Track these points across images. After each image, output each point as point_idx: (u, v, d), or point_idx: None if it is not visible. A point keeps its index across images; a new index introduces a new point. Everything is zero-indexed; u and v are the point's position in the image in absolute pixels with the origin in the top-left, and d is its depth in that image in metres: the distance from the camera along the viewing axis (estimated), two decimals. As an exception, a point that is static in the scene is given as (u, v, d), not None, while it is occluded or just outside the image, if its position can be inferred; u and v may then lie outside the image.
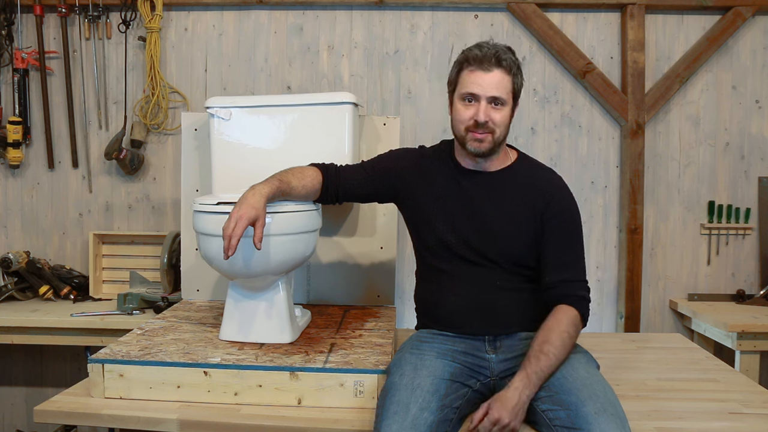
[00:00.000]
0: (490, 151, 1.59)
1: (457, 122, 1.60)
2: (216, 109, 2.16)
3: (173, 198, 2.81)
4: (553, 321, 1.50)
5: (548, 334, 1.47)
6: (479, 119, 1.54)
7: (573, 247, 1.62)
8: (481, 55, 1.55)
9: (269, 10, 2.78)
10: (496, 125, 1.56)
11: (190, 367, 1.60)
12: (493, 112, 1.55)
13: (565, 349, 1.46)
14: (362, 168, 1.78)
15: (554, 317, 1.51)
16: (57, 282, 2.68)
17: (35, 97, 2.79)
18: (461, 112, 1.58)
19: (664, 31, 2.77)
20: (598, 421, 1.29)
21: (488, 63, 1.54)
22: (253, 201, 1.55)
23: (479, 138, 1.56)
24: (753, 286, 2.81)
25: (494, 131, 1.56)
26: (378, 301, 2.30)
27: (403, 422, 1.31)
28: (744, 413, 1.58)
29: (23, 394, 2.91)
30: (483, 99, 1.54)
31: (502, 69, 1.55)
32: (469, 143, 1.58)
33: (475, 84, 1.55)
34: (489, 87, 1.54)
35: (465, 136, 1.58)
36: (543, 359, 1.42)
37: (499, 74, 1.55)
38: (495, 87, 1.54)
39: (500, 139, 1.59)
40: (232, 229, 1.51)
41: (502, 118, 1.57)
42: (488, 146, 1.57)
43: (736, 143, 2.79)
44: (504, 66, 1.55)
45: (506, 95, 1.56)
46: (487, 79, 1.54)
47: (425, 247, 1.70)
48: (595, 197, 2.81)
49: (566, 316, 1.51)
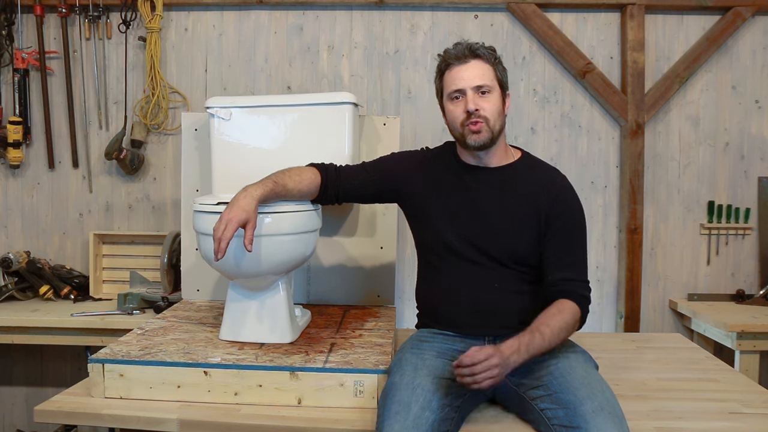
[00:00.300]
0: (490, 141, 1.60)
1: (452, 122, 1.63)
2: (216, 109, 2.16)
3: (173, 198, 2.81)
4: (556, 309, 1.51)
5: (549, 318, 1.48)
6: (469, 108, 1.57)
7: (576, 247, 1.62)
8: (456, 51, 1.60)
9: (269, 10, 2.79)
10: (487, 112, 1.58)
11: (190, 367, 1.60)
12: (480, 100, 1.58)
13: (559, 337, 1.47)
14: (364, 168, 1.78)
15: (557, 306, 1.52)
16: (57, 282, 2.68)
17: (35, 97, 2.80)
18: (452, 111, 1.62)
19: (664, 31, 2.78)
20: (596, 420, 1.29)
21: (464, 56, 1.59)
22: (244, 203, 1.55)
23: (475, 129, 1.58)
24: (753, 286, 2.81)
25: (487, 119, 1.58)
26: (378, 301, 2.30)
27: (404, 422, 1.31)
28: (744, 413, 1.58)
29: (23, 394, 2.91)
30: (469, 90, 1.58)
31: (479, 59, 1.60)
32: (467, 138, 1.60)
33: (457, 79, 1.59)
34: (471, 78, 1.58)
35: (463, 132, 1.60)
36: (537, 337, 1.43)
37: (477, 63, 1.59)
38: (477, 76, 1.58)
39: (496, 128, 1.60)
40: (222, 231, 1.52)
41: (492, 105, 1.59)
42: (487, 135, 1.59)
43: (736, 143, 2.80)
44: (480, 55, 1.60)
45: (490, 82, 1.59)
46: (467, 71, 1.59)
47: (427, 246, 1.71)
48: (595, 197, 2.81)
49: (569, 309, 1.52)
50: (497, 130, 1.60)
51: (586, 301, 1.56)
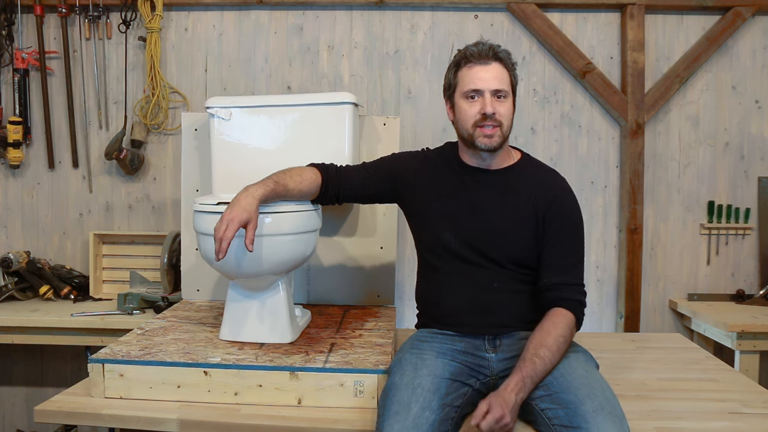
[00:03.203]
0: (500, 146, 1.60)
1: (463, 121, 1.60)
2: (216, 109, 2.16)
3: (173, 198, 2.81)
4: (550, 324, 1.50)
5: (545, 337, 1.47)
6: (487, 111, 1.55)
7: (573, 250, 1.62)
8: (479, 51, 1.58)
9: (269, 10, 2.79)
10: (503, 117, 1.57)
11: (190, 367, 1.60)
12: (497, 105, 1.57)
13: (559, 353, 1.47)
14: (364, 169, 1.78)
15: (551, 320, 1.51)
16: (57, 282, 2.68)
17: (35, 97, 2.80)
18: (466, 110, 1.59)
19: (664, 31, 2.78)
20: (597, 420, 1.29)
21: (486, 57, 1.57)
22: (245, 203, 1.55)
23: (489, 133, 1.57)
24: (753, 286, 2.81)
25: (502, 124, 1.58)
26: (378, 301, 2.30)
27: (405, 422, 1.31)
28: (744, 413, 1.58)
29: (23, 394, 2.91)
30: (487, 92, 1.56)
31: (500, 62, 1.58)
32: (478, 140, 1.58)
33: (477, 79, 1.57)
34: (491, 80, 1.56)
35: (473, 133, 1.58)
36: (538, 363, 1.42)
37: (498, 67, 1.58)
38: (497, 79, 1.57)
39: (507, 133, 1.60)
40: (223, 232, 1.52)
41: (507, 110, 1.59)
42: (498, 140, 1.58)
43: (736, 143, 2.80)
44: (502, 59, 1.59)
45: (507, 87, 1.59)
46: (489, 72, 1.57)
47: (426, 247, 1.71)
48: (594, 197, 2.81)
49: (563, 320, 1.51)
50: (507, 135, 1.61)
51: (580, 306, 1.56)
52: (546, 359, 1.43)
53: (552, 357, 1.45)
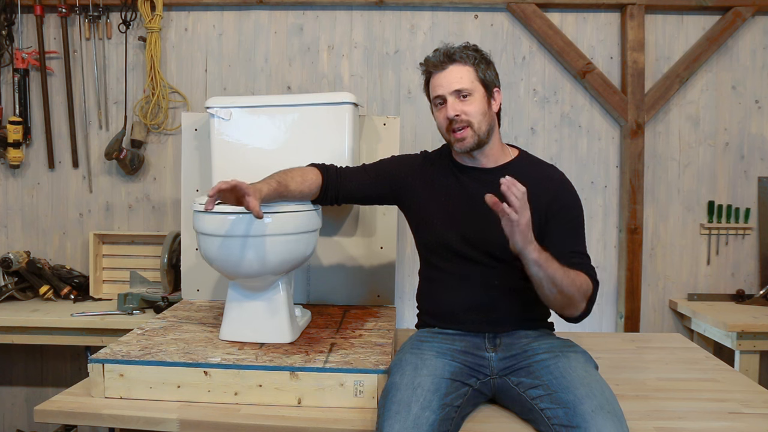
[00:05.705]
0: (477, 144, 1.61)
1: (439, 128, 1.66)
2: (216, 109, 2.16)
3: (173, 198, 2.81)
4: (576, 273, 1.50)
5: (571, 272, 1.48)
6: (448, 115, 1.59)
7: (578, 240, 1.63)
8: (434, 58, 1.63)
9: (269, 10, 2.79)
10: (469, 116, 1.59)
11: (190, 367, 1.60)
12: (461, 105, 1.59)
13: (569, 280, 1.46)
14: (364, 170, 1.79)
15: (575, 269, 1.51)
16: (57, 282, 2.68)
17: (35, 97, 2.80)
18: (437, 117, 1.65)
19: (664, 31, 2.78)
20: (596, 419, 1.29)
21: (441, 63, 1.62)
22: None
23: (459, 136, 1.60)
24: (753, 286, 2.81)
25: (471, 123, 1.59)
26: (378, 301, 2.30)
27: (405, 421, 1.31)
28: (744, 413, 1.58)
29: (23, 394, 2.91)
30: (448, 96, 1.60)
31: (456, 63, 1.61)
32: (454, 144, 1.63)
33: (437, 86, 1.62)
34: (449, 83, 1.60)
35: (449, 137, 1.64)
36: (556, 265, 1.44)
37: (454, 68, 1.60)
38: (455, 81, 1.60)
39: (482, 129, 1.61)
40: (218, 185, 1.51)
41: (474, 107, 1.60)
42: (471, 141, 1.60)
43: (736, 143, 2.80)
44: (458, 59, 1.61)
45: (470, 84, 1.60)
46: (445, 77, 1.61)
47: (426, 246, 1.72)
48: (594, 197, 2.81)
49: (584, 276, 1.52)
50: (484, 131, 1.61)
51: (596, 284, 1.56)
52: (561, 272, 1.44)
53: (564, 279, 1.45)
